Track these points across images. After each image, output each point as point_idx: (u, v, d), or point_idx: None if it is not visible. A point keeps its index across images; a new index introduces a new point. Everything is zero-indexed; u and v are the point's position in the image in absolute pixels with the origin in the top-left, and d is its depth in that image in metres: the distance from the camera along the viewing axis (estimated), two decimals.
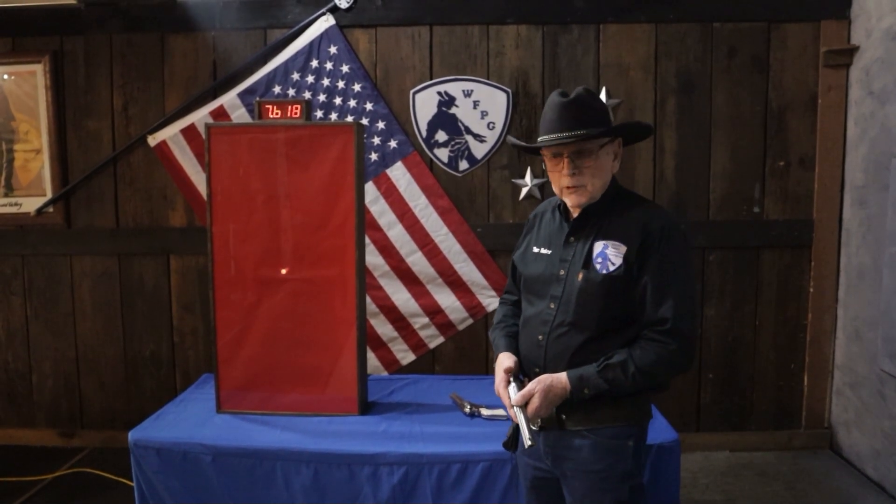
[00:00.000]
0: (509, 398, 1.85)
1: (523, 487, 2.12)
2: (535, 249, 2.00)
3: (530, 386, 1.81)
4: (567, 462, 1.88)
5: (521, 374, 1.96)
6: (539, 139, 1.88)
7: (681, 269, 1.80)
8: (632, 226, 1.81)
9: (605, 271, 1.80)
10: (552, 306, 1.88)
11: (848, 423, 3.76)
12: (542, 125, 1.89)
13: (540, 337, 1.90)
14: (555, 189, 1.93)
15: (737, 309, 3.90)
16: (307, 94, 3.80)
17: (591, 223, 1.88)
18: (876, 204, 3.49)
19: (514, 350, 2.01)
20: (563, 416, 1.86)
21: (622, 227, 1.83)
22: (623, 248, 1.80)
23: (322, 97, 3.81)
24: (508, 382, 1.89)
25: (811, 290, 3.88)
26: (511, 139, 2.01)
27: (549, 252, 1.95)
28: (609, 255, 1.81)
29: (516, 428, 1.94)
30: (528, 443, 1.74)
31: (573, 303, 1.84)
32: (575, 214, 1.91)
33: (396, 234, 3.86)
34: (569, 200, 1.89)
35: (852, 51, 3.68)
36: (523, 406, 1.81)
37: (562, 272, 1.89)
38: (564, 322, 1.86)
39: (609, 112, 1.93)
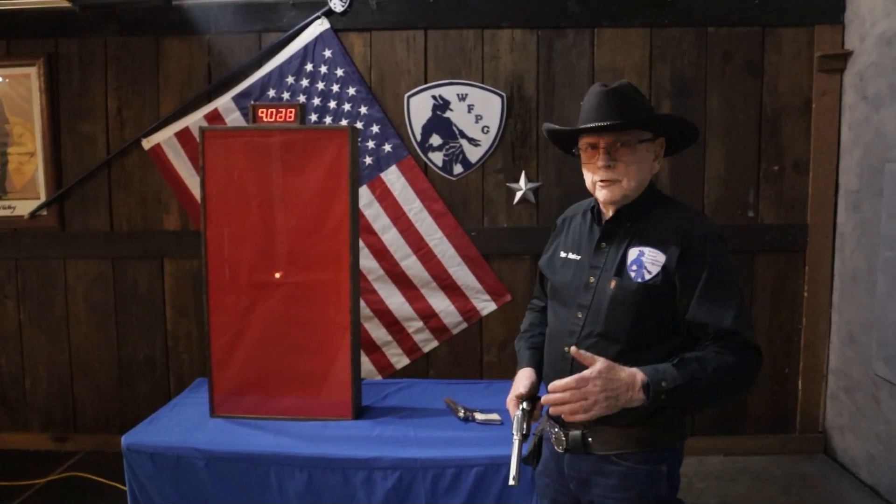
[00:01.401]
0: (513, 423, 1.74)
1: None
2: (563, 254, 1.88)
3: (587, 371, 1.55)
4: (595, 488, 1.75)
5: (538, 394, 1.83)
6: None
7: (733, 279, 1.68)
8: (671, 233, 1.68)
9: (640, 279, 1.67)
10: (579, 315, 1.76)
11: (842, 428, 3.76)
12: (581, 116, 1.76)
13: (566, 349, 1.75)
14: (588, 185, 1.80)
15: None
16: (302, 98, 3.80)
17: (625, 227, 1.76)
18: (870, 208, 3.50)
19: (538, 362, 1.91)
20: (590, 440, 1.72)
21: (660, 234, 1.70)
22: (661, 257, 1.67)
23: (317, 101, 3.81)
24: (517, 406, 1.79)
25: (805, 294, 3.88)
26: (547, 125, 1.85)
27: (579, 258, 1.82)
28: (645, 262, 1.69)
29: (539, 442, 1.86)
30: (512, 481, 1.61)
31: (603, 312, 1.71)
32: (608, 215, 1.79)
33: (391, 237, 3.86)
34: (601, 196, 1.76)
35: (846, 56, 3.69)
36: (522, 437, 1.70)
37: (591, 279, 1.76)
38: (593, 333, 1.72)
39: (653, 110, 1.81)
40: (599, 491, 1.74)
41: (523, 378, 1.87)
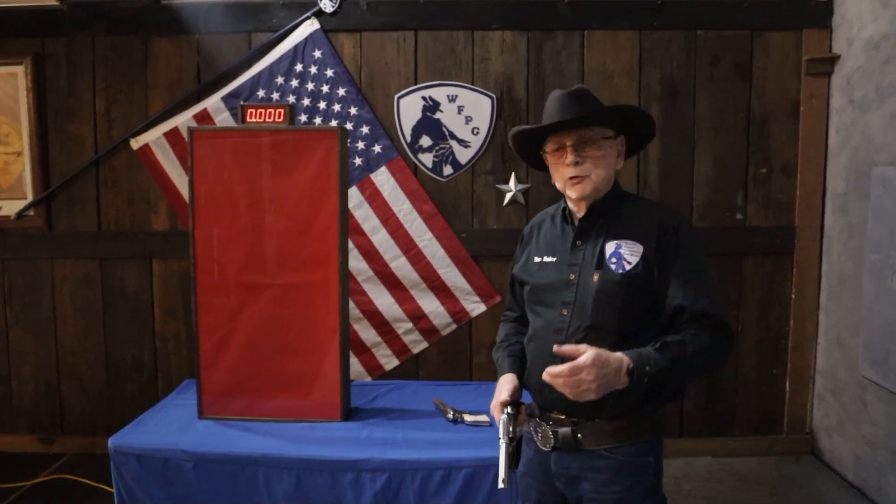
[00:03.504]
0: (499, 428, 1.77)
1: None
2: (538, 259, 1.91)
3: (580, 360, 1.58)
4: (585, 484, 1.77)
5: (521, 400, 1.86)
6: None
7: (705, 264, 1.79)
8: (645, 224, 1.77)
9: (621, 270, 1.74)
10: (565, 313, 1.79)
11: (829, 429, 3.78)
12: (543, 120, 1.83)
13: (554, 346, 1.73)
14: (559, 186, 1.86)
15: None
16: (291, 98, 3.79)
17: (599, 224, 1.82)
18: (857, 211, 3.52)
19: (519, 369, 1.93)
20: (580, 436, 1.76)
21: (634, 227, 1.78)
22: (639, 247, 1.75)
23: (306, 101, 3.80)
24: (502, 411, 1.81)
25: (793, 296, 3.91)
26: (514, 129, 1.91)
27: (555, 259, 1.87)
28: (624, 254, 1.76)
29: (518, 444, 1.86)
30: (501, 484, 1.64)
31: (589, 306, 1.75)
32: (580, 212, 1.85)
33: (380, 239, 3.85)
34: (573, 193, 1.81)
35: (834, 59, 3.72)
36: (509, 441, 1.73)
37: (572, 276, 1.80)
38: (581, 327, 1.76)
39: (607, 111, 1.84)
40: (590, 486, 1.77)
41: (506, 384, 1.89)
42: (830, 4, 3.73)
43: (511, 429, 1.77)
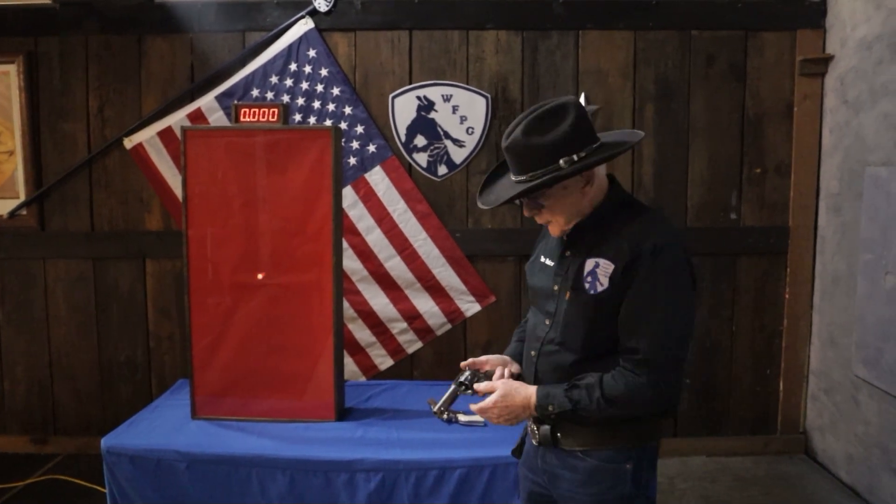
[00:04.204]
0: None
1: (521, 500, 2.04)
2: (542, 259, 1.88)
3: (485, 402, 1.78)
4: (562, 482, 1.78)
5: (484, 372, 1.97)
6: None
7: (666, 295, 1.62)
8: (624, 243, 1.65)
9: (592, 291, 1.67)
10: (547, 322, 1.79)
11: (822, 428, 3.79)
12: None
13: (532, 353, 1.83)
14: None
15: (714, 315, 3.93)
16: (286, 98, 3.78)
17: (587, 238, 1.74)
18: (850, 212, 3.53)
19: (519, 355, 1.97)
20: (558, 434, 1.75)
21: (615, 245, 1.66)
22: (611, 267, 1.65)
23: (301, 101, 3.79)
24: (463, 370, 1.96)
25: (787, 296, 3.91)
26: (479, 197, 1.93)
27: (552, 264, 1.82)
28: (598, 274, 1.67)
29: (524, 436, 1.95)
30: (434, 409, 1.93)
31: (561, 322, 1.74)
32: (567, 229, 1.79)
33: (375, 238, 3.84)
34: (550, 232, 1.81)
35: (827, 60, 3.73)
36: (459, 385, 1.91)
37: (556, 287, 1.77)
38: (554, 340, 1.76)
39: (568, 135, 1.64)
40: (565, 485, 1.78)
41: (493, 355, 1.99)
42: (824, 5, 3.74)
43: (465, 380, 1.94)
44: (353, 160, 3.82)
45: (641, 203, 1.82)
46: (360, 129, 3.80)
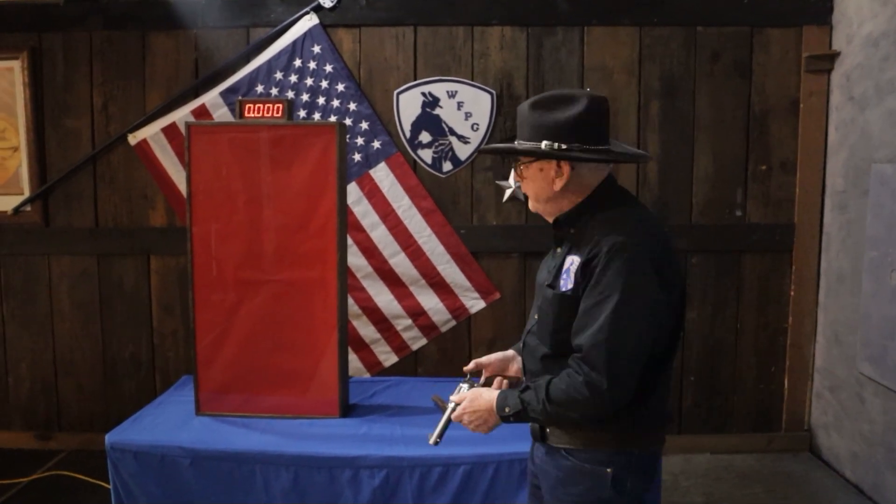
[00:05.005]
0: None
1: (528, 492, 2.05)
2: (551, 250, 1.87)
3: (465, 393, 1.85)
4: (548, 479, 1.79)
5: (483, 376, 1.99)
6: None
7: (614, 295, 1.55)
8: (592, 241, 1.62)
9: (563, 289, 1.66)
10: (536, 317, 1.80)
11: (827, 426, 3.79)
12: None
13: (521, 343, 1.89)
14: None
15: (718, 312, 3.92)
16: (290, 94, 3.78)
17: (570, 235, 1.73)
18: (856, 209, 3.52)
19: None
20: (546, 431, 1.75)
21: (585, 242, 1.65)
22: (577, 266, 1.64)
23: (305, 97, 3.78)
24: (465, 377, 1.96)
25: (792, 293, 3.90)
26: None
27: (551, 260, 1.83)
28: (571, 271, 1.65)
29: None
30: (430, 440, 1.86)
31: (540, 316, 1.77)
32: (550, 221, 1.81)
33: (379, 235, 3.84)
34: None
35: (833, 56, 3.71)
36: (454, 409, 1.87)
37: (545, 282, 1.77)
38: (535, 333, 1.78)
39: (562, 123, 1.65)
40: (550, 482, 1.78)
41: (497, 354, 2.01)
42: (830, 1, 3.72)
43: (460, 402, 1.87)
44: (357, 156, 3.81)
45: (632, 202, 1.78)
46: (364, 125, 3.80)
